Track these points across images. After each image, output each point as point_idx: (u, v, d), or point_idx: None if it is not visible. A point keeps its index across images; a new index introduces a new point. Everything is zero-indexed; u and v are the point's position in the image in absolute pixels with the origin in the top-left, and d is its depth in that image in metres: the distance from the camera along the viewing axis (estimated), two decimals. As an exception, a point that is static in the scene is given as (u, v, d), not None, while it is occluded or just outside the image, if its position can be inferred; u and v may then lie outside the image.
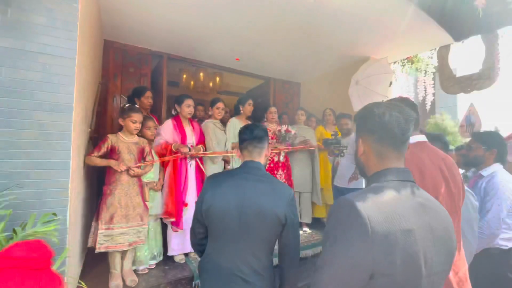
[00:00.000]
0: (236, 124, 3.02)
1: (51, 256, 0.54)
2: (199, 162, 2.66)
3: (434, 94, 3.51)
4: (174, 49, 3.55)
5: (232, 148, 3.01)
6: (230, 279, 1.07)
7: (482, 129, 3.48)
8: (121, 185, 1.99)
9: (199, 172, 2.67)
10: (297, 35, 2.99)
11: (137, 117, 2.08)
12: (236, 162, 2.99)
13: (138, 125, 2.10)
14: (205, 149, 2.72)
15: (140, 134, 2.26)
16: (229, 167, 3.04)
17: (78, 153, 1.72)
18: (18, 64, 1.35)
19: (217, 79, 4.89)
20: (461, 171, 1.57)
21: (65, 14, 1.47)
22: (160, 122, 3.09)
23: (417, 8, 2.43)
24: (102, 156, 1.96)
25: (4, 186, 1.24)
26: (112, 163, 1.95)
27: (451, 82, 3.10)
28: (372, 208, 0.61)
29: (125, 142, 2.07)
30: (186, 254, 2.63)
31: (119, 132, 2.11)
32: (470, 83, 2.94)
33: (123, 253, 2.05)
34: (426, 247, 0.62)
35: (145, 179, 2.25)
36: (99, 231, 1.88)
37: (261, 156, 1.23)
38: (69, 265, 1.44)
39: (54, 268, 0.61)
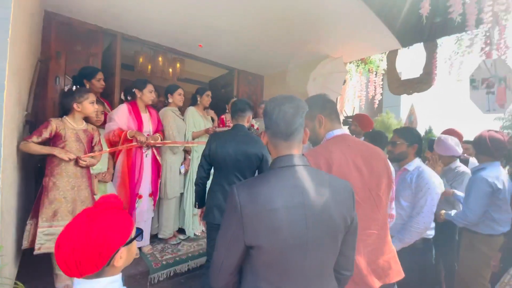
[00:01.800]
0: (194, 114, 2.95)
1: (122, 202, 0.84)
2: (156, 153, 2.53)
3: (382, 94, 3.85)
4: (129, 29, 3.26)
5: (193, 138, 2.93)
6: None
7: (418, 128, 3.95)
8: (67, 177, 1.77)
9: (155, 163, 2.53)
10: (264, 28, 2.99)
11: (93, 97, 1.87)
12: (196, 153, 2.92)
13: (97, 107, 1.90)
14: (164, 138, 2.60)
15: (86, 120, 2.04)
16: (189, 157, 2.96)
17: (11, 139, 1.50)
18: None
19: (178, 65, 4.65)
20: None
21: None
22: (113, 108, 2.85)
23: (372, 14, 2.62)
24: (42, 143, 1.71)
25: None
26: (56, 151, 1.72)
27: (396, 84, 3.44)
28: (244, 193, 0.77)
29: (73, 128, 1.83)
30: (140, 249, 2.52)
31: (65, 117, 1.85)
32: (412, 86, 3.29)
33: None
34: (295, 223, 0.75)
35: (92, 170, 2.06)
36: (39, 230, 1.66)
37: (244, 121, 1.94)
38: (2, 265, 1.27)
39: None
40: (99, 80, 2.44)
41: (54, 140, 1.77)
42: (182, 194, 2.95)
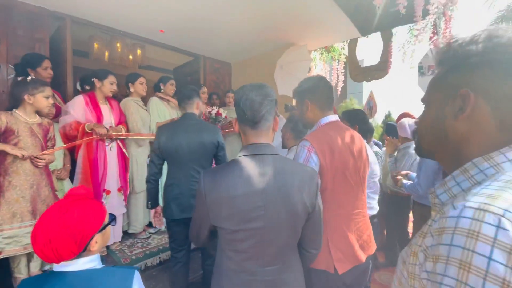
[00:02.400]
0: (158, 104, 2.84)
1: (91, 192, 0.90)
2: (121, 145, 2.42)
3: (344, 81, 4.03)
4: (80, 12, 2.97)
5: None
6: (189, 184, 1.74)
7: (378, 113, 4.24)
8: (25, 175, 1.65)
9: (122, 156, 2.43)
10: (230, 13, 2.91)
11: (49, 91, 1.73)
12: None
13: (52, 101, 1.75)
14: (128, 130, 2.48)
15: (38, 113, 1.87)
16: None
17: None
18: None
19: (139, 51, 4.38)
20: None
21: None
22: (66, 99, 2.64)
23: (334, 3, 2.69)
24: None
25: None
26: (8, 147, 1.58)
27: (356, 72, 3.62)
28: (208, 180, 0.85)
29: (26, 122, 1.68)
30: (107, 247, 2.44)
31: (15, 110, 1.69)
32: (370, 73, 3.50)
33: (29, 254, 1.75)
34: (253, 209, 0.81)
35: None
36: None
37: (193, 108, 1.85)
38: None
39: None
40: (46, 68, 2.22)
41: (6, 135, 1.62)
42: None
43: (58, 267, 0.80)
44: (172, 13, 2.94)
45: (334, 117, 1.24)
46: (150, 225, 2.93)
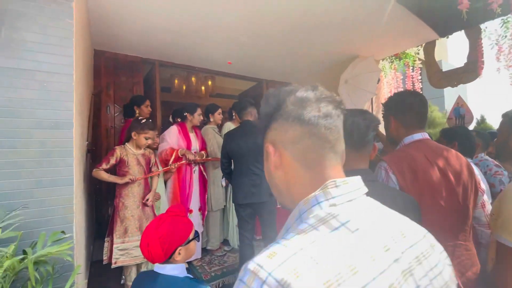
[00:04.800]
0: (231, 128, 3.07)
1: (185, 210, 1.13)
2: (202, 168, 2.70)
3: (421, 89, 3.61)
4: (165, 56, 3.54)
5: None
6: (249, 176, 2.14)
7: (474, 120, 3.59)
8: (133, 197, 2.00)
9: (202, 177, 2.70)
10: (288, 37, 3.03)
11: (152, 134, 2.11)
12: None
13: (150, 142, 2.12)
14: (207, 155, 2.77)
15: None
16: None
17: (79, 168, 1.72)
18: (14, 83, 1.35)
19: (209, 82, 4.89)
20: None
21: (60, 30, 1.47)
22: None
23: (401, 7, 2.51)
24: (109, 169, 1.96)
25: (9, 207, 1.24)
26: (118, 180, 1.97)
27: (438, 77, 3.20)
28: None
29: (133, 153, 2.07)
30: (189, 262, 2.65)
31: (126, 144, 2.10)
32: (456, 77, 3.05)
33: (138, 265, 2.06)
34: None
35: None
36: (114, 246, 1.88)
37: (248, 116, 2.28)
38: (78, 282, 1.45)
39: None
40: (147, 106, 2.76)
41: (120, 165, 2.01)
42: (225, 206, 3.06)
43: (156, 268, 1.00)
44: (239, 46, 3.23)
45: (420, 135, 1.11)
46: (225, 242, 3.09)
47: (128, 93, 3.49)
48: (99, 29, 2.72)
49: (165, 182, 2.53)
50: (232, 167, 2.32)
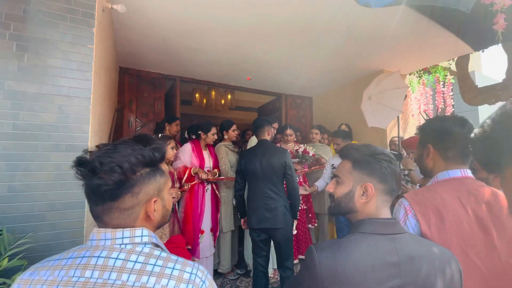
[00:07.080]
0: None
1: (185, 242, 1.22)
2: (215, 187, 2.64)
3: (453, 106, 3.34)
4: (186, 72, 3.62)
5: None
6: (264, 199, 2.05)
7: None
8: None
9: (215, 197, 2.63)
10: (309, 51, 2.96)
11: (173, 143, 2.21)
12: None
13: (175, 151, 2.27)
14: (220, 173, 2.70)
15: None
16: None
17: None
18: (35, 107, 1.39)
19: (229, 96, 4.93)
20: None
21: (81, 55, 1.52)
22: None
23: (430, 20, 2.34)
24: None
25: (21, 230, 1.25)
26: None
27: (473, 93, 2.94)
28: (327, 256, 0.66)
29: (166, 169, 2.13)
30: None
31: None
32: (493, 94, 2.77)
33: None
34: None
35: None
36: None
37: (265, 135, 2.19)
38: None
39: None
40: (177, 125, 2.96)
41: None
42: (239, 227, 2.93)
43: None
44: (256, 62, 3.21)
45: (459, 172, 0.92)
46: (237, 265, 2.98)
47: (150, 108, 3.59)
48: (124, 48, 2.84)
49: (178, 202, 2.50)
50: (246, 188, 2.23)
